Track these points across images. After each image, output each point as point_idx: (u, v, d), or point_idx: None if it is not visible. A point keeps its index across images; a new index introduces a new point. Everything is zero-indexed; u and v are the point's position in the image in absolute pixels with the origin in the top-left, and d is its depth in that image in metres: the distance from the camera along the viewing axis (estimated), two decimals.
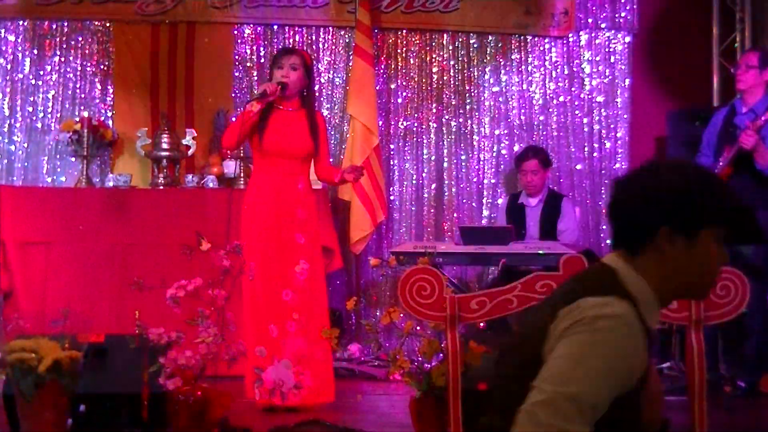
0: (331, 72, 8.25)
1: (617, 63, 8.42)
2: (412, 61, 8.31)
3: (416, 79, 8.31)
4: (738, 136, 6.25)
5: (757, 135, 6.14)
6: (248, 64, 8.17)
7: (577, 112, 8.38)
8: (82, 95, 8.02)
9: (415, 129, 8.29)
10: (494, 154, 8.30)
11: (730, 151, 6.29)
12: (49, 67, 8.00)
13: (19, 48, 7.99)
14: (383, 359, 6.83)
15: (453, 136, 8.29)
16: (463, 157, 8.29)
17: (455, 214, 8.22)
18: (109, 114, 8.03)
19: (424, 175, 8.25)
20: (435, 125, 8.29)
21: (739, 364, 6.47)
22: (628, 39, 8.44)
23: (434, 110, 8.29)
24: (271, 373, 5.57)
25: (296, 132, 5.77)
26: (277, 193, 5.72)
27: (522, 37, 8.38)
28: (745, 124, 6.27)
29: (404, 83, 8.31)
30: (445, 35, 8.33)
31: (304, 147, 5.79)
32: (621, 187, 2.47)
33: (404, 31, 8.33)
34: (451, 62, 8.32)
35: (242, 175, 7.49)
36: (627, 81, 8.40)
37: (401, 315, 4.98)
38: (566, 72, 8.39)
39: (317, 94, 8.08)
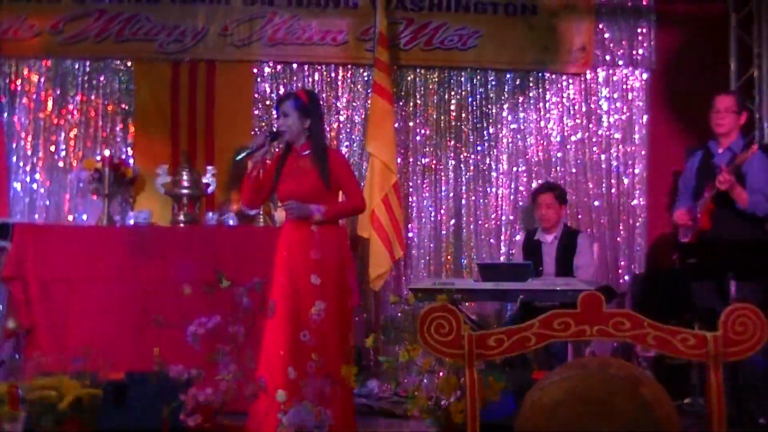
0: (350, 110, 8.30)
1: (635, 99, 8.46)
2: (430, 99, 8.36)
3: (435, 117, 8.35)
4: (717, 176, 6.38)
5: (731, 177, 6.23)
6: (268, 102, 8.21)
7: (594, 148, 8.40)
8: (103, 134, 8.10)
9: (433, 166, 8.32)
10: (512, 191, 8.32)
11: (710, 190, 6.41)
12: (70, 106, 8.09)
13: (42, 87, 8.08)
14: (402, 396, 6.83)
15: (471, 173, 8.33)
16: (481, 194, 8.32)
17: (474, 251, 8.22)
18: (130, 152, 8.10)
19: (442, 211, 8.28)
20: (453, 162, 8.32)
21: (759, 400, 6.43)
22: (645, 76, 8.48)
23: (453, 147, 8.33)
24: (292, 416, 5.55)
25: (303, 174, 5.74)
26: (291, 235, 5.75)
27: (540, 74, 8.42)
28: (721, 165, 6.42)
29: (423, 120, 8.35)
30: (463, 72, 8.38)
31: (310, 188, 5.72)
32: None
33: (423, 68, 8.38)
34: (470, 99, 8.37)
35: (261, 212, 7.52)
36: (645, 117, 8.43)
37: (420, 352, 5.00)
38: (584, 109, 8.42)
39: (335, 132, 8.14)
